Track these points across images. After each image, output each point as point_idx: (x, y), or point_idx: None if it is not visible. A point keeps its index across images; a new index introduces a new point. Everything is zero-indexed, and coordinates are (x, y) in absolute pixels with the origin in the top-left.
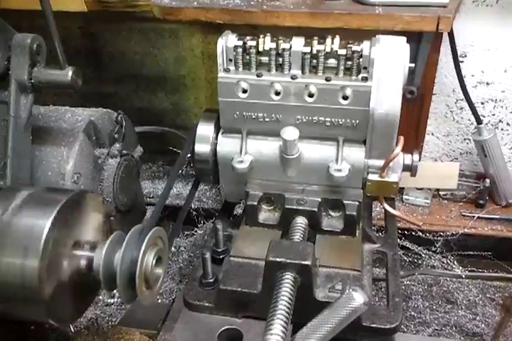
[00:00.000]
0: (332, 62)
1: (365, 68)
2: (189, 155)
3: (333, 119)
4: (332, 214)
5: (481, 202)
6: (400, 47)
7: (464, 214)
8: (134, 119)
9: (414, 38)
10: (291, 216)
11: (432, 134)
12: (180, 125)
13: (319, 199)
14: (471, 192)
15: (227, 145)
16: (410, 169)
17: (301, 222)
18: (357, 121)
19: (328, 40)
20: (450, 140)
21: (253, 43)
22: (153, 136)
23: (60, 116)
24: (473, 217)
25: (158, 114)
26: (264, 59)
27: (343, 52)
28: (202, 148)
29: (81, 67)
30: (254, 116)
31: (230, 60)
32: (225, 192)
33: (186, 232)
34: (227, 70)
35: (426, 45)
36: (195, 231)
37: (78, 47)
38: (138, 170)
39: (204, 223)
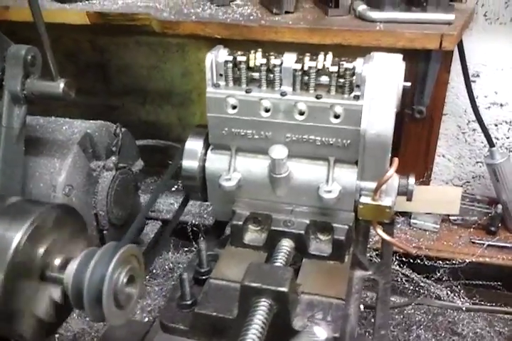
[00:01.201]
0: (324, 79)
1: (358, 86)
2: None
3: (323, 138)
4: (321, 237)
5: (492, 228)
6: (395, 64)
7: (473, 241)
8: (141, 132)
9: (423, 56)
10: (277, 238)
11: (443, 156)
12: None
13: (307, 222)
14: (482, 217)
15: (216, 161)
16: (406, 193)
17: (286, 244)
18: (348, 141)
19: (321, 57)
20: (462, 162)
21: (243, 59)
22: (158, 149)
23: (57, 127)
24: (484, 244)
25: (164, 127)
26: (255, 75)
27: (334, 69)
28: (190, 164)
29: (90, 80)
30: (243, 133)
31: (221, 75)
32: (214, 211)
33: (186, 248)
34: (216, 85)
35: (435, 63)
36: (195, 248)
37: (87, 61)
38: (136, 184)
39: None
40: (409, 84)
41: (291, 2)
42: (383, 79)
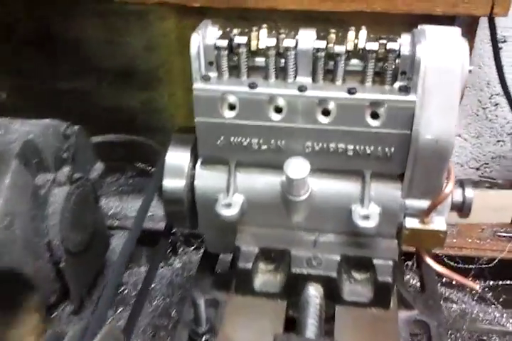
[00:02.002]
0: (355, 64)
1: (403, 73)
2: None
3: (357, 147)
4: (356, 276)
5: None
6: (456, 43)
7: (499, 234)
8: (97, 122)
9: (444, 22)
10: (300, 283)
11: (459, 136)
12: (155, 127)
13: (338, 258)
14: None
15: (209, 180)
16: (462, 208)
17: (314, 294)
18: (392, 150)
19: (351, 34)
20: (480, 142)
21: (243, 40)
22: (120, 142)
23: None
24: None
25: (126, 114)
26: (260, 61)
27: (373, 46)
28: (173, 183)
29: (30, 61)
30: (245, 143)
31: (211, 64)
32: (208, 242)
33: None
34: (206, 78)
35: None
36: (174, 260)
37: (27, 35)
38: (96, 195)
39: (185, 251)
40: (472, 67)
41: None
42: (444, 64)
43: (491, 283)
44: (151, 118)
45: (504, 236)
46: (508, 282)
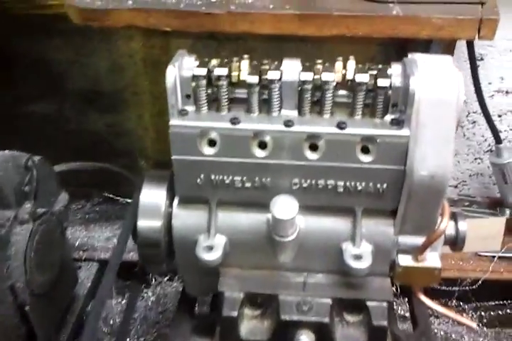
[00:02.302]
0: (343, 94)
1: (395, 106)
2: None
3: (348, 183)
4: (348, 318)
5: None
6: (450, 73)
7: (480, 253)
8: (59, 147)
9: (421, 45)
10: (290, 330)
11: None
12: (121, 151)
13: (329, 301)
14: None
15: (188, 220)
16: (455, 242)
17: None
18: (384, 186)
19: (338, 64)
20: (458, 160)
21: (223, 71)
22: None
23: None
24: (494, 257)
25: (90, 138)
26: (241, 92)
27: (363, 79)
28: (148, 224)
29: None
30: (228, 181)
31: (188, 97)
32: (187, 285)
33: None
34: (183, 113)
35: (436, 46)
36: (147, 292)
37: None
38: (62, 229)
39: (158, 281)
40: (465, 97)
41: None
42: (438, 96)
43: (476, 304)
44: (117, 142)
45: (486, 256)
46: (492, 303)
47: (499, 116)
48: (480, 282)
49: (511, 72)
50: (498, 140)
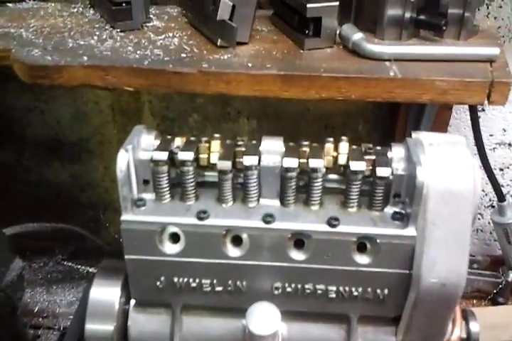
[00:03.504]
0: (333, 179)
1: (397, 196)
2: None
3: (341, 288)
4: None
5: (500, 299)
6: (464, 157)
7: None
8: (19, 199)
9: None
10: None
11: None
12: (87, 204)
13: None
14: (486, 285)
15: (147, 325)
16: None
17: None
18: (385, 292)
19: (328, 146)
20: None
21: (189, 155)
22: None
23: None
24: None
25: (53, 190)
26: (210, 176)
27: (359, 167)
28: (98, 327)
29: None
30: (194, 284)
31: (146, 183)
32: None
33: None
34: (139, 204)
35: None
36: None
37: None
38: (14, 305)
39: None
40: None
41: (246, 27)
42: (451, 188)
43: None
44: (82, 194)
45: None
46: None
47: (501, 169)
48: None
49: None
50: (500, 197)
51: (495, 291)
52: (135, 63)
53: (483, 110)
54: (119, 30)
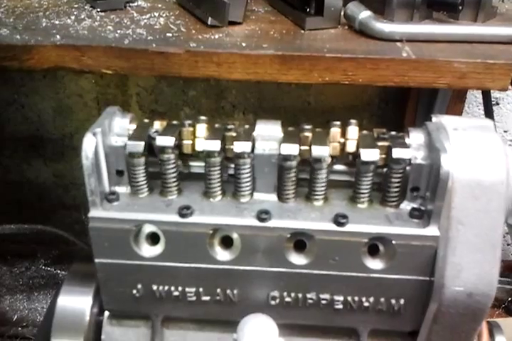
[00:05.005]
0: (340, 170)
1: (415, 190)
2: None
3: (349, 298)
4: None
5: None
6: (494, 144)
7: None
8: None
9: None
10: None
11: None
12: (71, 205)
13: None
14: (500, 292)
15: (124, 338)
16: None
17: None
18: (401, 302)
19: (334, 131)
20: None
21: (170, 141)
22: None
23: None
24: None
25: (35, 190)
26: (196, 165)
27: (371, 156)
28: None
29: None
30: (177, 293)
31: (120, 174)
32: None
33: None
34: (110, 198)
35: (446, 91)
36: None
37: None
38: None
39: None
40: None
41: (240, 5)
42: (481, 180)
43: None
44: (65, 194)
45: None
46: None
47: None
48: None
49: None
50: None
51: (510, 299)
52: (114, 42)
53: (498, 104)
54: (99, 9)
